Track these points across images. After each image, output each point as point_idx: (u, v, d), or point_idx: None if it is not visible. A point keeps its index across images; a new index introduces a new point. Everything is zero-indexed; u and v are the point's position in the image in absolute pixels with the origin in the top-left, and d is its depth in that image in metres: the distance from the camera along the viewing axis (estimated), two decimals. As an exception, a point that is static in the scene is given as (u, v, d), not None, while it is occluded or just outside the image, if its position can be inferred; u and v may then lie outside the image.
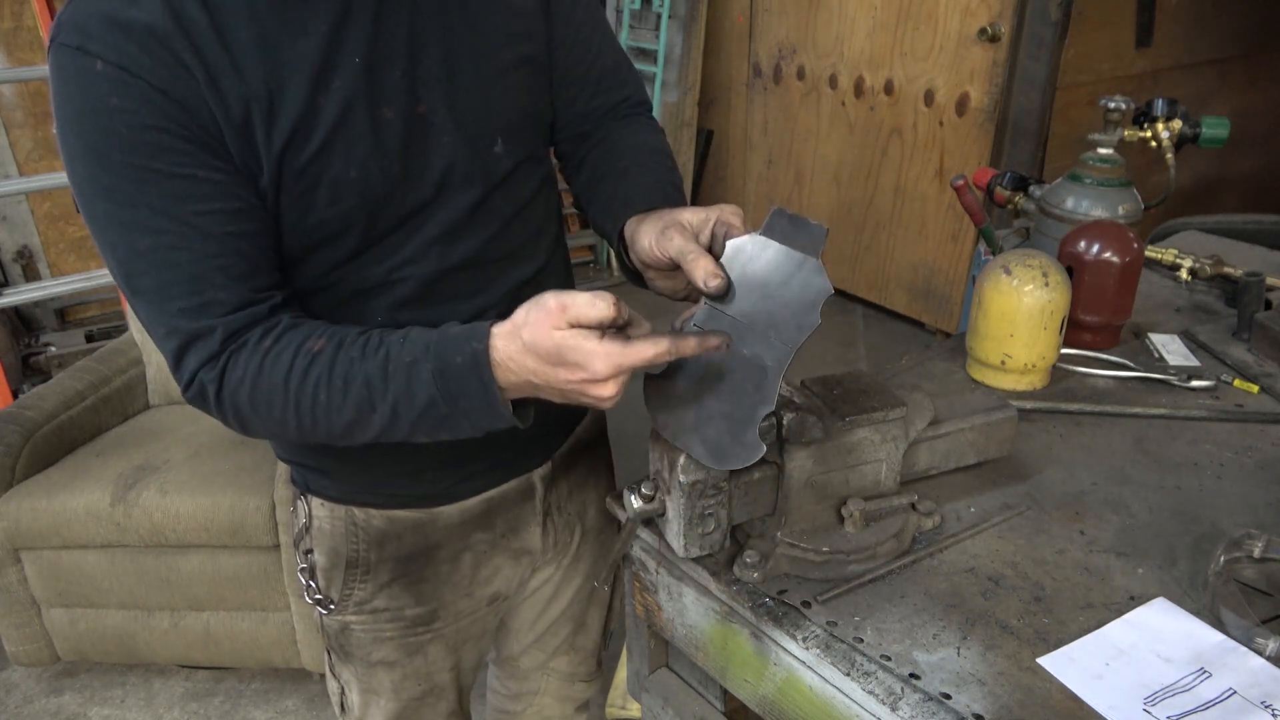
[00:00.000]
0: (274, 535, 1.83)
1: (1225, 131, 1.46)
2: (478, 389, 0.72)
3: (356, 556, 0.99)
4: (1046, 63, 2.96)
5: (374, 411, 0.75)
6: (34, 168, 3.30)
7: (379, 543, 0.99)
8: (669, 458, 0.76)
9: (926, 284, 3.51)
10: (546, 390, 0.72)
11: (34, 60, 3.18)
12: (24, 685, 2.10)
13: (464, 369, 0.72)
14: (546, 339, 0.68)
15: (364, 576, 1.00)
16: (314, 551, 1.01)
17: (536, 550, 1.07)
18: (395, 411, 0.75)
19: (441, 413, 0.74)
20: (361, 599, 1.01)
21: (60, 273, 3.46)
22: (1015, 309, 1.06)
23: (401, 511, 0.98)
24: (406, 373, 0.74)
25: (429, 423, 0.75)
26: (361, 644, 1.04)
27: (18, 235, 3.38)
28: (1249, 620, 0.72)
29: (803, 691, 0.75)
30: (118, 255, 0.73)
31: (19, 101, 3.26)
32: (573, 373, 0.69)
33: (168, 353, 0.77)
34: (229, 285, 0.74)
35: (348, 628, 1.03)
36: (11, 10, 3.16)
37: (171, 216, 0.72)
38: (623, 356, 0.68)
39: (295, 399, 0.75)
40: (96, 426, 2.14)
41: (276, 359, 0.75)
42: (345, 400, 0.75)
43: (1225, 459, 0.99)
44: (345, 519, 0.98)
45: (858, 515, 0.79)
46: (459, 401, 0.73)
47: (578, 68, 0.95)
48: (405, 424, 0.75)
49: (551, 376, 0.70)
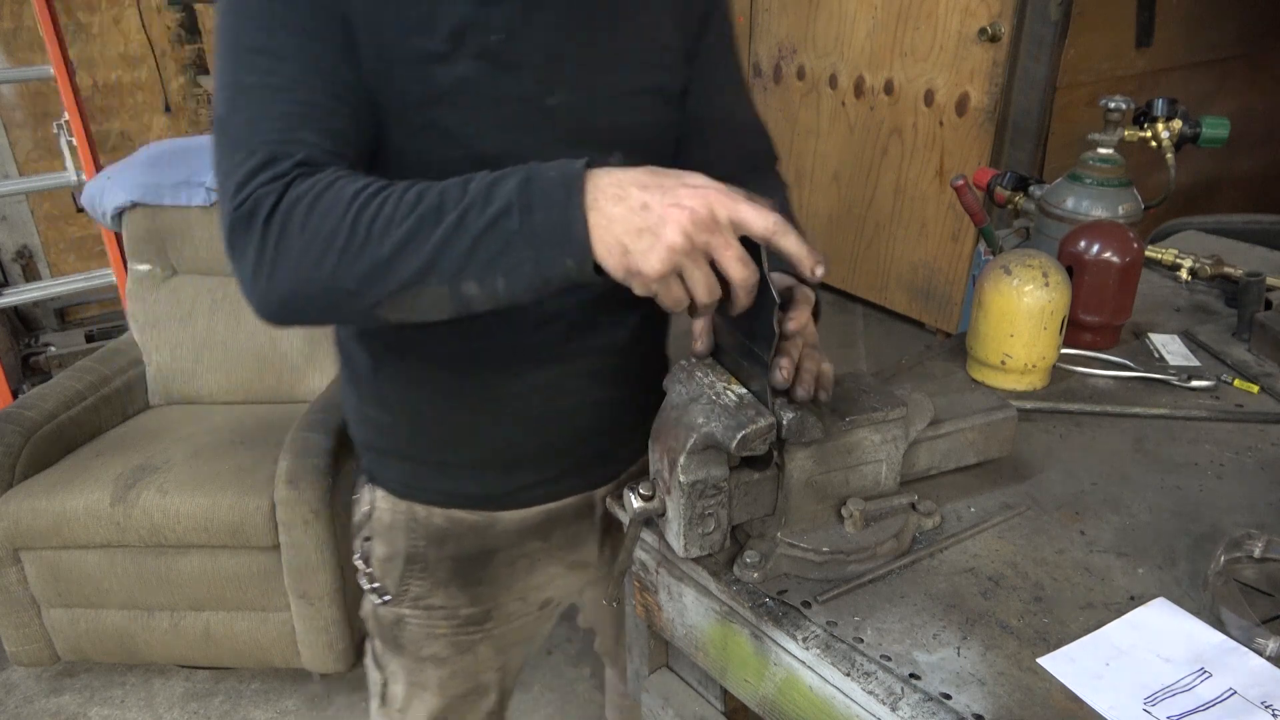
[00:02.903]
0: (274, 535, 1.83)
1: (1225, 131, 1.46)
2: (561, 197, 0.66)
3: (416, 552, 1.00)
4: (1046, 63, 2.96)
5: (437, 225, 0.67)
6: (34, 168, 3.30)
7: (439, 541, 1.00)
8: (669, 458, 0.76)
9: (926, 284, 3.51)
10: (630, 201, 0.65)
11: (34, 60, 3.18)
12: (24, 685, 2.10)
13: (555, 180, 0.66)
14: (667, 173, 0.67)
15: (421, 572, 1.01)
16: (373, 540, 1.02)
17: (594, 563, 1.08)
18: (461, 222, 0.66)
19: (511, 227, 0.66)
20: (418, 594, 1.02)
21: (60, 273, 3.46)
22: (1015, 309, 1.06)
23: (461, 512, 0.99)
24: (491, 183, 0.68)
25: (490, 244, 0.66)
26: (414, 638, 1.05)
27: (18, 235, 3.38)
28: (1249, 620, 0.72)
29: (803, 691, 0.75)
30: (226, 84, 0.74)
31: (19, 101, 3.26)
32: (680, 177, 0.66)
33: (235, 180, 0.71)
34: (323, 136, 0.74)
35: (402, 620, 1.04)
36: (11, 10, 3.16)
37: (292, 60, 0.74)
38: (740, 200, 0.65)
39: (357, 211, 0.68)
40: (96, 426, 2.14)
41: (352, 181, 0.71)
42: (411, 211, 0.68)
43: (1225, 459, 0.99)
44: (407, 514, 0.99)
45: (858, 515, 0.79)
46: (534, 213, 0.66)
47: (712, 118, 0.97)
48: (462, 245, 0.67)
49: (658, 179, 0.66)
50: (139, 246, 2.28)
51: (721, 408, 0.74)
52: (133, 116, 3.51)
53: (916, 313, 3.61)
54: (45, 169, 3.24)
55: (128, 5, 3.36)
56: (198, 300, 2.29)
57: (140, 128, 3.53)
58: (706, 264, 0.66)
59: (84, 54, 3.33)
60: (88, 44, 3.33)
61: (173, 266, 2.32)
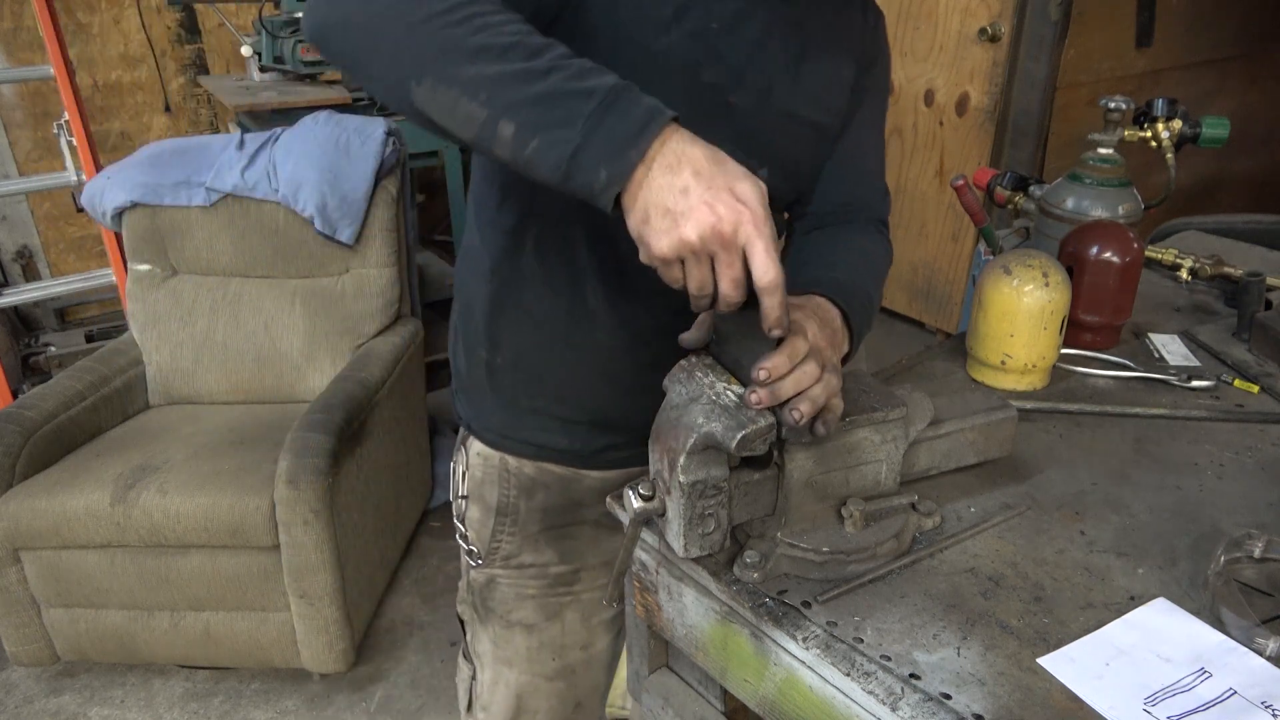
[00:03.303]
0: (274, 535, 1.83)
1: (1225, 131, 1.46)
2: (635, 127, 0.66)
3: (507, 503, 1.05)
4: (1046, 63, 2.96)
5: (527, 59, 0.66)
6: (34, 168, 3.30)
7: (528, 490, 1.04)
8: (669, 458, 0.76)
9: (926, 284, 3.51)
10: (679, 178, 0.66)
11: (34, 60, 3.18)
12: (24, 685, 2.10)
13: (641, 110, 0.66)
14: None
15: (512, 526, 1.05)
16: (468, 499, 1.07)
17: None
18: (547, 73, 0.66)
19: (581, 110, 0.66)
20: (509, 553, 1.06)
21: (60, 273, 3.46)
22: (1015, 309, 1.06)
23: (550, 464, 1.04)
24: (593, 69, 0.68)
25: (555, 108, 0.66)
26: (505, 599, 1.09)
27: (18, 235, 3.38)
28: (1249, 620, 0.72)
29: (803, 692, 0.75)
30: None
31: (19, 101, 3.26)
32: (735, 181, 0.66)
33: None
34: None
35: (493, 581, 1.08)
36: (11, 10, 3.16)
37: None
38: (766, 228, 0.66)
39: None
40: (96, 426, 2.14)
41: None
42: (515, 35, 0.67)
43: (1225, 459, 0.99)
44: (499, 466, 1.05)
45: (858, 515, 0.79)
46: (608, 116, 0.66)
47: (846, 154, 1.00)
48: (531, 90, 0.66)
49: (715, 172, 0.66)
50: (139, 246, 2.29)
51: (721, 408, 0.74)
52: (133, 116, 3.51)
53: (916, 313, 3.60)
54: (45, 169, 3.24)
55: (128, 5, 3.36)
56: (198, 300, 2.29)
57: (140, 128, 3.53)
58: (708, 267, 0.68)
59: (84, 54, 3.33)
60: (88, 44, 3.34)
61: (173, 266, 2.32)
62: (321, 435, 1.85)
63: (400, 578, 2.40)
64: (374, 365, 2.18)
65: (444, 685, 2.08)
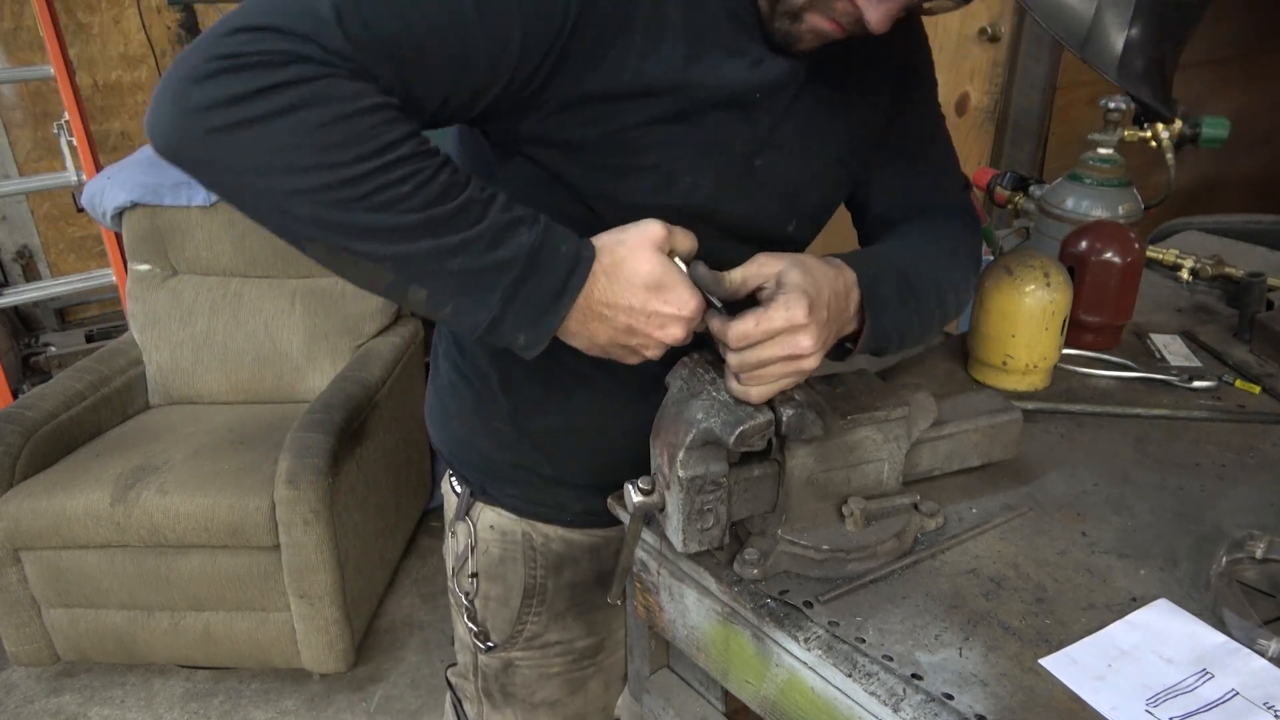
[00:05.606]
0: (274, 535, 1.83)
1: (1225, 131, 1.46)
2: (553, 291, 0.66)
3: (533, 584, 0.96)
4: (1046, 63, 2.97)
5: (437, 235, 0.62)
6: (34, 168, 3.29)
7: (557, 568, 0.96)
8: (669, 453, 0.76)
9: (927, 284, 3.51)
10: (615, 322, 0.70)
11: (34, 60, 3.17)
12: (24, 685, 2.10)
13: (558, 270, 0.66)
14: (648, 263, 0.69)
15: (539, 607, 0.97)
16: (479, 578, 0.97)
17: None
18: (459, 249, 0.63)
19: (498, 282, 0.64)
20: (533, 633, 0.98)
21: (60, 273, 3.45)
22: (1016, 309, 1.06)
23: (577, 533, 0.97)
24: (507, 225, 0.65)
25: (469, 282, 0.64)
26: (526, 682, 1.00)
27: (18, 235, 3.38)
28: (1251, 621, 0.72)
29: (804, 692, 0.75)
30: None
31: (19, 101, 3.26)
32: (664, 303, 0.70)
33: (262, 19, 0.58)
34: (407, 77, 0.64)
35: (511, 665, 1.00)
36: (11, 10, 3.15)
37: None
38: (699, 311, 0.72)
39: (380, 165, 0.59)
40: (96, 426, 2.14)
41: (397, 125, 0.61)
42: (425, 206, 0.61)
43: (1227, 460, 0.99)
44: (523, 543, 0.95)
45: (859, 514, 0.79)
46: (526, 282, 0.65)
47: (907, 164, 0.98)
48: (444, 266, 0.63)
49: (643, 302, 0.69)
50: (139, 246, 2.29)
51: (721, 404, 0.74)
52: (133, 116, 3.51)
53: (917, 313, 3.60)
54: (45, 169, 3.24)
55: (128, 5, 3.36)
56: (198, 300, 2.29)
57: (140, 128, 3.53)
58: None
59: (84, 54, 3.32)
60: (88, 44, 3.33)
61: (173, 266, 2.32)
62: (321, 435, 1.85)
63: (400, 578, 2.40)
64: (374, 365, 2.18)
65: (444, 685, 2.08)
